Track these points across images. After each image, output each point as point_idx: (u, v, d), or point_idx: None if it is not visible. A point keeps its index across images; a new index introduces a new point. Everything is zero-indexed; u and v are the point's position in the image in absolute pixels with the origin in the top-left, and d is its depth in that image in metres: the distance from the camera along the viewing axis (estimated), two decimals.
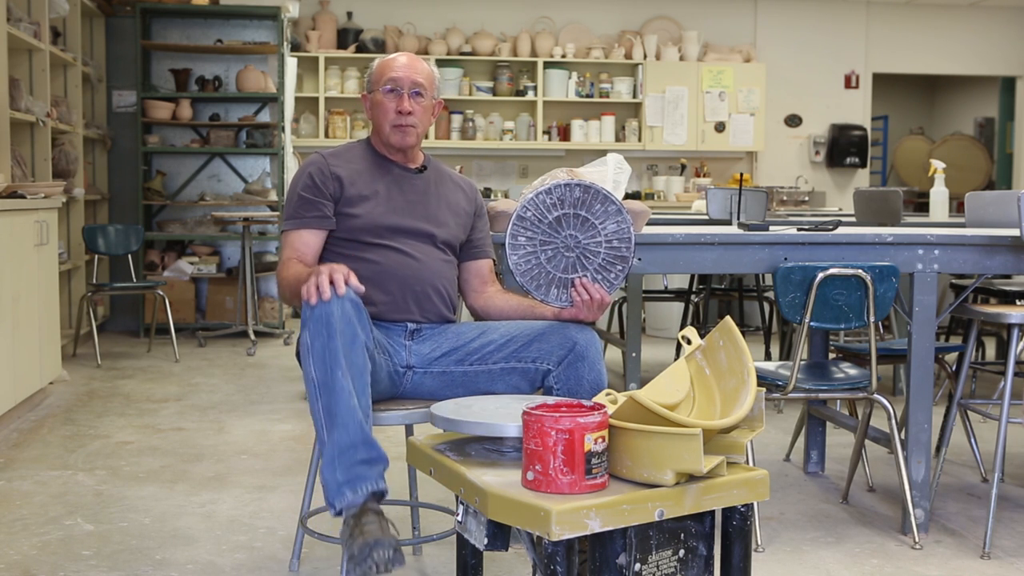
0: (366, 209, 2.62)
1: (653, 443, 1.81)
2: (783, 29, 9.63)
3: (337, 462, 2.18)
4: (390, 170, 2.70)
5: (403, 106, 2.63)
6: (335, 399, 2.19)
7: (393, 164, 2.71)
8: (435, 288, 2.64)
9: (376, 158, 2.72)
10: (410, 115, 2.64)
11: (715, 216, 5.11)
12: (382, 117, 2.67)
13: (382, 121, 2.67)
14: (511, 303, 2.69)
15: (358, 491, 2.16)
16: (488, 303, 2.75)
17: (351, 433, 2.18)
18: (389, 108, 2.65)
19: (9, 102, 5.17)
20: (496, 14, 9.19)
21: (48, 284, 4.94)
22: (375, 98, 2.69)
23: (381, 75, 2.68)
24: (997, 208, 3.84)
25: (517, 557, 2.74)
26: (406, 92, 2.65)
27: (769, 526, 3.12)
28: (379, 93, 2.67)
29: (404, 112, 2.64)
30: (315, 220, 2.61)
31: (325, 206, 2.61)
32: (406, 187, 2.69)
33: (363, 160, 2.70)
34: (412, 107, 2.65)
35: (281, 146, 7.41)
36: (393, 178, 2.69)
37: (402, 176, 2.70)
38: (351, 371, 2.21)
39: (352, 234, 2.62)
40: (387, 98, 2.66)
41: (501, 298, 2.74)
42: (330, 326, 2.20)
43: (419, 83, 2.66)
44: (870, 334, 2.93)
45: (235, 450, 4.02)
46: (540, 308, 2.57)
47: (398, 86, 2.65)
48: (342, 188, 2.62)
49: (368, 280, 2.52)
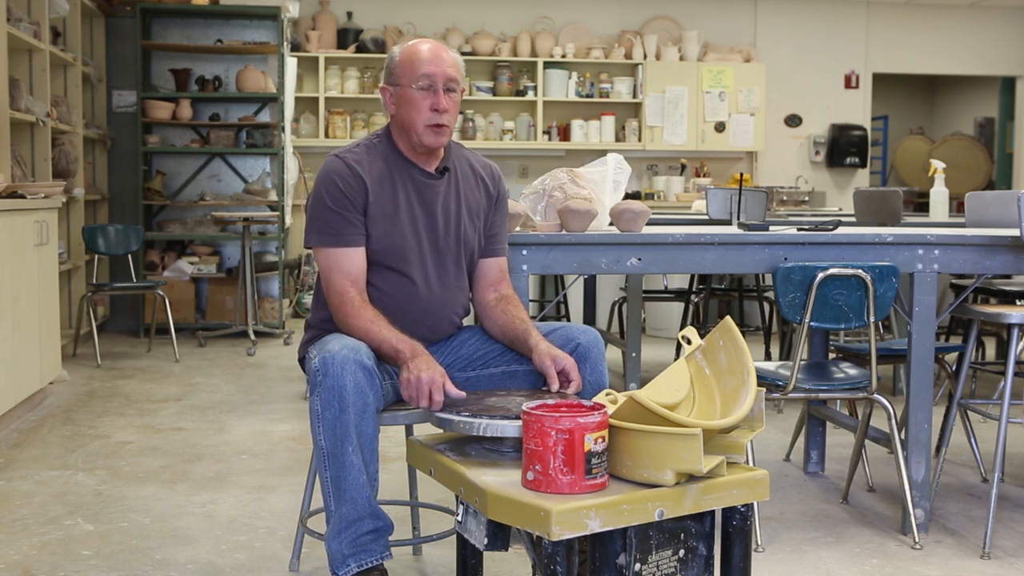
0: (385, 230, 2.47)
1: (653, 443, 1.81)
2: (783, 29, 9.63)
3: (344, 534, 2.24)
4: (411, 175, 2.52)
5: (441, 104, 2.44)
6: (344, 473, 2.22)
7: (414, 167, 2.53)
8: (448, 317, 2.56)
9: (397, 160, 2.53)
10: (446, 113, 2.45)
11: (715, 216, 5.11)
12: (415, 116, 2.45)
13: (415, 120, 2.45)
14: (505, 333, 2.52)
15: (363, 563, 2.24)
16: (485, 313, 2.59)
17: (359, 508, 2.23)
18: (423, 106, 2.44)
19: (9, 102, 5.17)
20: (496, 14, 9.18)
21: (48, 284, 4.94)
22: (405, 94, 2.46)
23: (412, 69, 2.45)
24: (997, 208, 3.84)
25: (517, 557, 2.74)
26: (442, 88, 2.45)
27: (769, 526, 3.12)
28: (411, 89, 2.45)
29: (442, 110, 2.44)
30: (356, 238, 2.44)
31: (359, 221, 2.45)
32: (427, 196, 2.52)
33: (384, 162, 2.52)
34: (448, 105, 2.45)
35: (281, 146, 7.41)
36: (414, 186, 2.51)
37: (423, 183, 2.52)
38: (361, 442, 2.22)
39: (372, 255, 2.48)
40: (420, 95, 2.44)
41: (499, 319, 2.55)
42: (343, 400, 2.19)
43: (453, 77, 2.47)
44: (870, 334, 2.93)
45: (235, 450, 4.02)
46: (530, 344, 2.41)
47: (434, 81, 2.44)
48: (367, 200, 2.46)
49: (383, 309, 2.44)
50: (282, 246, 7.53)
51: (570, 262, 2.87)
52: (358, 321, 2.37)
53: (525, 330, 2.45)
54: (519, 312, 2.54)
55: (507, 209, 2.70)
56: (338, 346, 2.24)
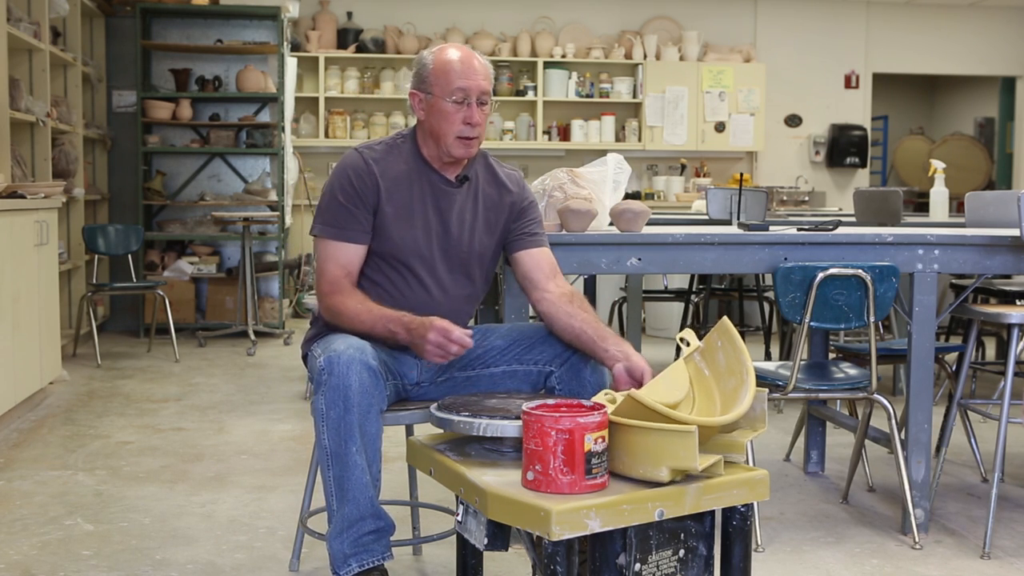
0: (399, 233, 2.47)
1: (649, 440, 1.81)
2: (783, 29, 9.63)
3: (345, 534, 2.24)
4: (431, 181, 2.52)
5: (474, 118, 2.44)
6: (347, 473, 2.22)
7: (435, 173, 2.52)
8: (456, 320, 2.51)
9: (419, 165, 2.53)
10: (479, 126, 2.46)
11: (715, 216, 5.11)
12: (446, 127, 2.45)
13: (446, 131, 2.45)
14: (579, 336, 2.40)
15: (364, 563, 2.24)
16: (553, 313, 2.47)
17: (361, 508, 2.23)
18: (456, 119, 2.44)
19: (9, 102, 5.17)
20: (496, 14, 9.18)
21: (48, 284, 4.94)
22: (438, 104, 2.46)
23: (447, 81, 2.44)
24: (997, 208, 3.84)
25: (517, 557, 2.74)
26: (475, 101, 2.45)
27: (769, 526, 3.12)
28: (444, 101, 2.44)
29: (475, 124, 2.45)
30: (359, 235, 2.46)
31: (366, 220, 2.46)
32: (443, 203, 2.51)
33: (405, 164, 2.51)
34: (480, 118, 2.46)
35: (281, 146, 7.41)
36: (432, 191, 2.51)
37: (441, 190, 2.52)
38: (365, 442, 2.22)
39: (381, 255, 2.49)
40: (454, 108, 2.44)
41: (566, 320, 2.44)
42: (347, 399, 2.19)
43: (487, 90, 2.47)
44: (870, 334, 2.93)
45: (235, 450, 4.02)
46: (602, 345, 2.35)
47: (468, 96, 2.45)
48: (379, 199, 2.46)
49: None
50: (282, 246, 7.53)
51: (570, 262, 2.87)
52: (350, 301, 2.41)
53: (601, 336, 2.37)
54: (591, 314, 2.45)
55: (539, 212, 2.67)
56: (343, 346, 2.24)
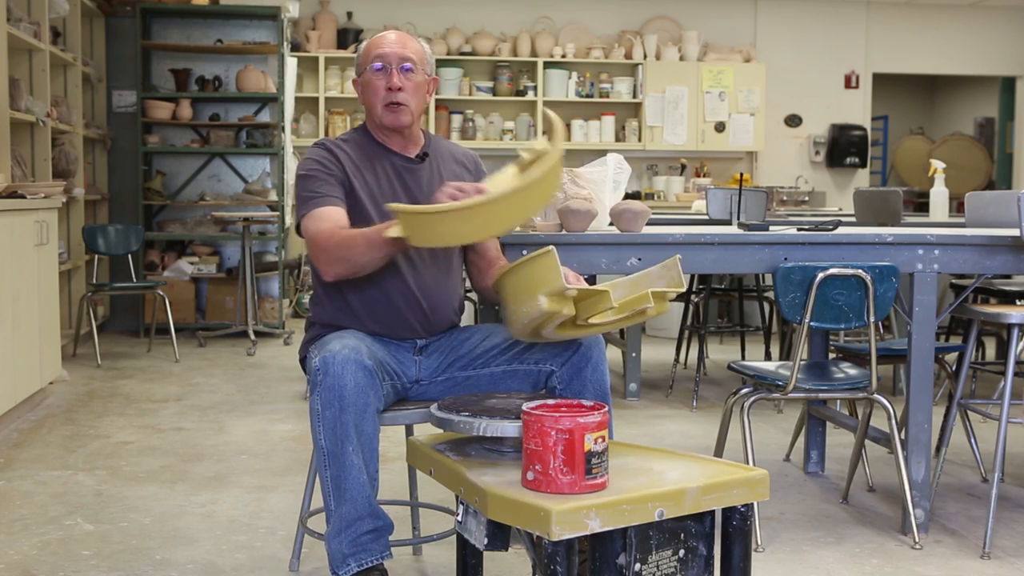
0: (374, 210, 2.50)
1: (519, 278, 1.99)
2: (783, 29, 9.63)
3: (344, 534, 2.25)
4: (390, 160, 2.58)
5: (392, 82, 2.50)
6: (344, 473, 2.22)
7: (393, 154, 2.59)
8: (441, 300, 2.56)
9: (374, 147, 2.59)
10: (400, 91, 2.50)
11: (715, 216, 5.11)
12: (373, 97, 2.54)
13: (373, 101, 2.54)
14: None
15: (363, 563, 2.25)
16: (487, 290, 2.62)
17: (359, 507, 2.24)
18: (379, 86, 2.52)
19: (9, 102, 5.17)
20: (496, 14, 9.18)
21: (48, 284, 4.94)
22: (364, 79, 2.55)
23: (368, 54, 2.55)
24: (997, 208, 3.84)
25: (517, 557, 2.74)
26: (395, 68, 2.51)
27: (769, 526, 3.12)
28: (368, 72, 2.53)
29: (394, 88, 2.50)
30: (336, 200, 2.46)
31: (340, 191, 2.48)
32: (408, 180, 2.57)
33: (361, 149, 2.58)
34: (402, 83, 2.51)
35: (281, 146, 7.41)
36: (394, 170, 2.57)
37: (403, 168, 2.58)
38: (361, 442, 2.23)
39: None
40: (376, 76, 2.52)
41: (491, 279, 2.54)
42: (343, 399, 2.20)
43: (408, 57, 2.52)
44: (870, 334, 2.93)
45: (235, 450, 4.02)
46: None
47: (387, 62, 2.51)
48: (348, 178, 2.51)
49: (373, 298, 2.48)
50: (282, 246, 7.53)
51: (570, 262, 2.86)
52: (336, 235, 2.36)
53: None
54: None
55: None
56: (339, 346, 2.24)
